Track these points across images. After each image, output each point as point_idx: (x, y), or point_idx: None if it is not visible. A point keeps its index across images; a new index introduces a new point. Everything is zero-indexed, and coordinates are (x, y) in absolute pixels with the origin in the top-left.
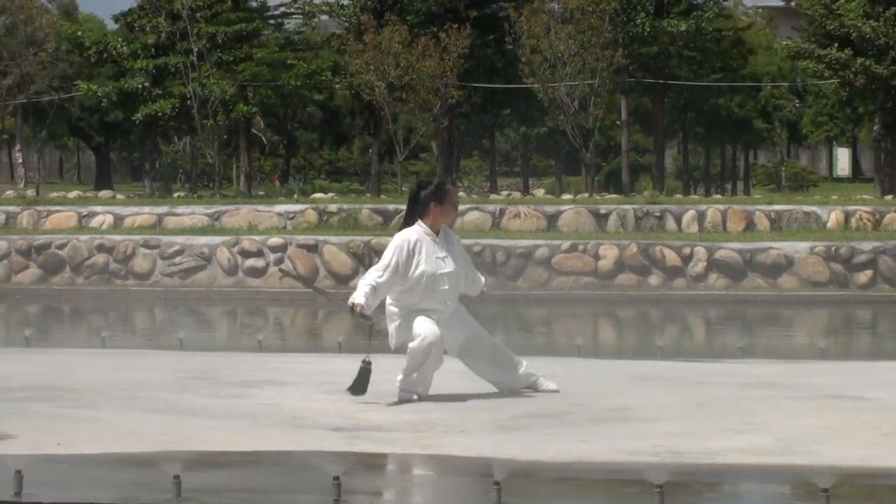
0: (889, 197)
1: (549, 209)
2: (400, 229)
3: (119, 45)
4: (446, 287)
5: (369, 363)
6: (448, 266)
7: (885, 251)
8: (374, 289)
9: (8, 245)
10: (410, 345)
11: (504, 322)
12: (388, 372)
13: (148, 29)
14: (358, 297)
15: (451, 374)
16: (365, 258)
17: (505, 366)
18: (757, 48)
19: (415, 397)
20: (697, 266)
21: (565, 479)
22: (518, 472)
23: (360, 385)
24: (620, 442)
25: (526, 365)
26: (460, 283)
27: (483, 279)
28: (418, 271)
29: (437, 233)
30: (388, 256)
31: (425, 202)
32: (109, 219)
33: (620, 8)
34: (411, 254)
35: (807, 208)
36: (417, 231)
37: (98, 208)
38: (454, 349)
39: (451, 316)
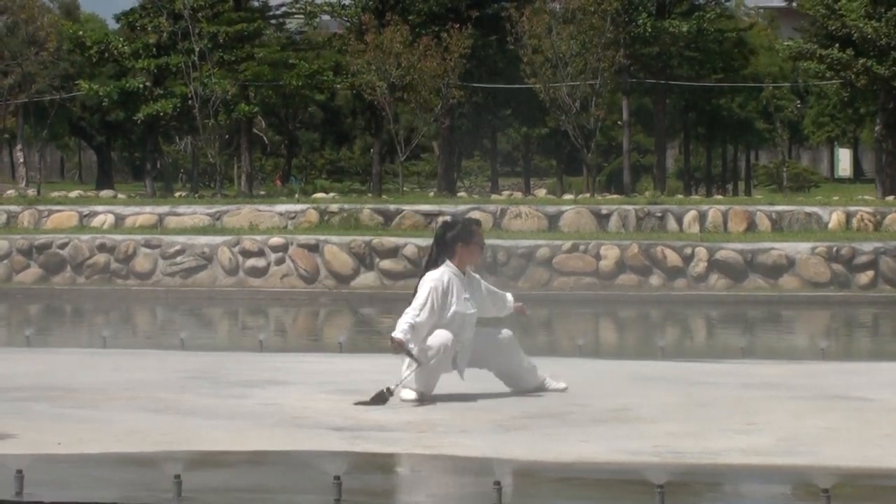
0: (890, 198)
1: (551, 209)
2: (426, 270)
3: (120, 45)
4: (470, 334)
5: (391, 393)
6: (472, 307)
7: (886, 252)
8: (413, 327)
9: (9, 245)
10: (427, 342)
11: (506, 322)
12: (390, 371)
13: (149, 28)
14: (398, 332)
15: (451, 375)
16: (366, 258)
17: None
18: (758, 49)
19: (415, 395)
20: (698, 266)
21: (566, 480)
22: (519, 473)
23: (375, 401)
24: (621, 442)
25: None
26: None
27: (510, 296)
28: (451, 311)
29: (463, 273)
30: (424, 296)
31: (452, 243)
32: (110, 218)
33: (622, 8)
34: (446, 293)
35: (808, 209)
36: (447, 272)
37: (99, 208)
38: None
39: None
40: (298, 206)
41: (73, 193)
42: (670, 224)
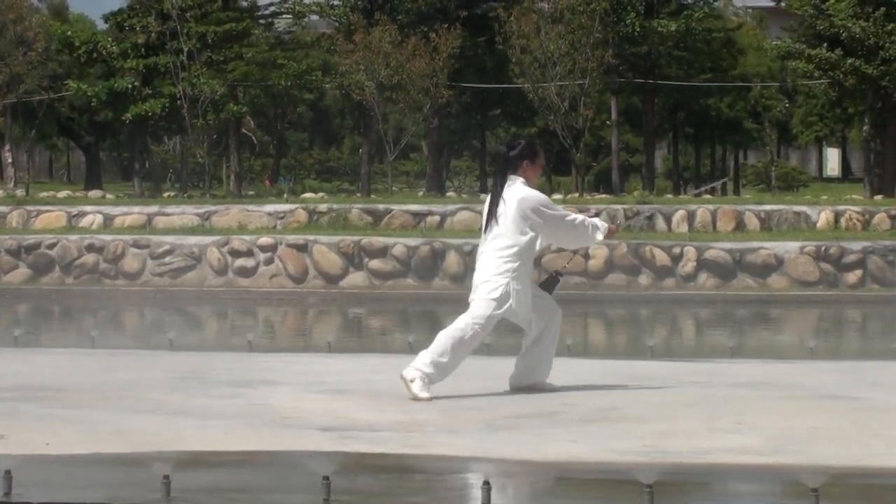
0: (879, 197)
1: None
2: (492, 201)
3: (109, 45)
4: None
5: (560, 275)
6: None
7: (874, 251)
8: (582, 218)
9: None
10: (466, 323)
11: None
12: (380, 371)
13: (138, 28)
14: (601, 232)
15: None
16: (355, 258)
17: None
18: (747, 48)
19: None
20: (687, 266)
21: (556, 479)
22: (508, 473)
23: (547, 286)
24: (611, 442)
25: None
26: None
27: None
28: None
29: None
30: (558, 210)
31: (517, 160)
32: (99, 219)
33: (610, 8)
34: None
35: (796, 208)
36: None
37: (88, 208)
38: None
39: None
40: (287, 206)
41: (62, 194)
42: (659, 224)
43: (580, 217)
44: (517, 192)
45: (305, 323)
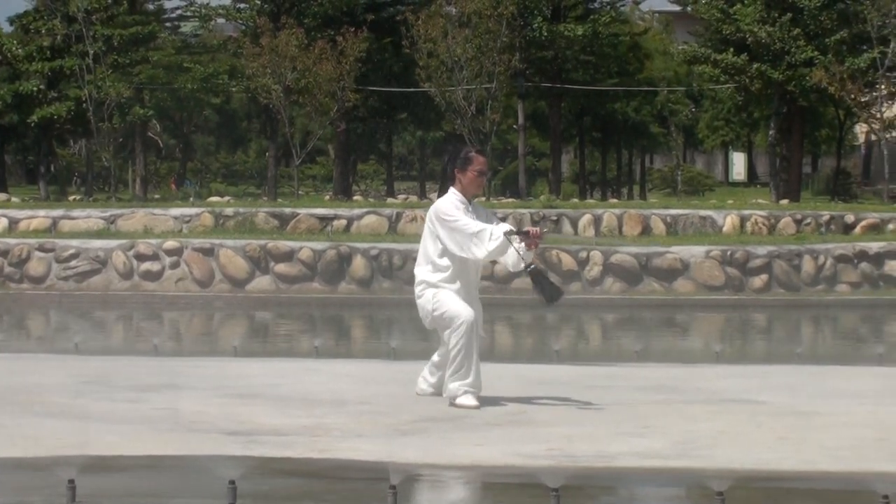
0: (784, 201)
1: None
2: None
3: (14, 48)
4: (476, 276)
5: (533, 266)
6: None
7: (780, 255)
8: (468, 224)
9: None
10: (454, 326)
11: (401, 325)
12: (286, 375)
13: (43, 31)
14: (494, 242)
15: (348, 379)
16: (261, 262)
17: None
18: (653, 53)
19: (475, 402)
20: (593, 270)
21: (462, 484)
22: (414, 477)
23: (547, 292)
24: (517, 445)
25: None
26: None
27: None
28: None
29: (469, 202)
30: (455, 214)
31: (451, 171)
32: (4, 222)
33: (517, 12)
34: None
35: (703, 213)
36: (453, 197)
37: None
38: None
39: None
40: (193, 210)
41: None
42: (565, 228)
43: (480, 227)
44: (436, 202)
45: (211, 327)
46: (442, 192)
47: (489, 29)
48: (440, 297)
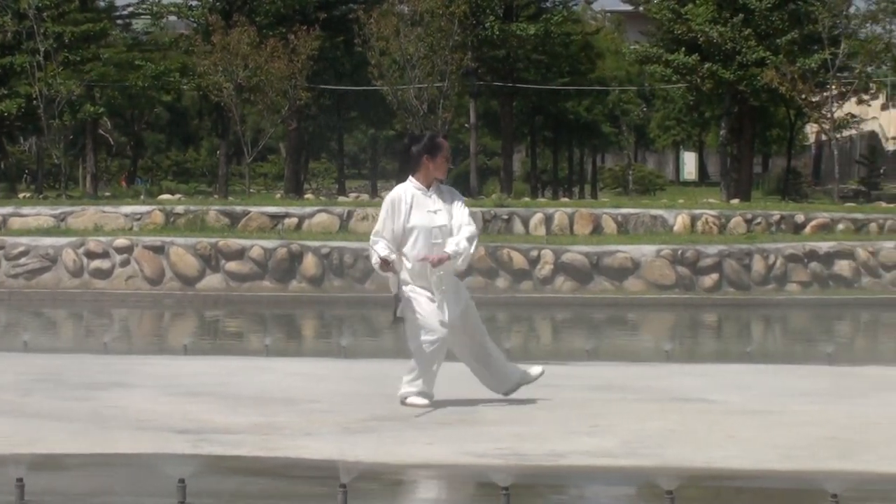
0: (735, 201)
1: None
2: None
3: None
4: (440, 241)
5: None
6: (441, 219)
7: (730, 255)
8: (378, 242)
9: None
10: (422, 339)
11: (352, 324)
12: (236, 373)
13: None
14: (374, 260)
15: (299, 377)
16: (212, 260)
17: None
18: (605, 52)
19: (426, 402)
20: (544, 269)
21: (411, 482)
22: (364, 475)
23: (395, 314)
24: (467, 444)
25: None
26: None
27: (460, 243)
28: (410, 225)
29: (428, 187)
30: (381, 220)
31: (417, 157)
32: None
33: (469, 11)
34: (405, 211)
35: (653, 212)
36: (408, 187)
37: None
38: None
39: (447, 289)
40: (144, 208)
41: None
42: (517, 227)
43: (377, 241)
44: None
45: (161, 325)
46: (401, 179)
47: (441, 28)
48: (414, 305)
